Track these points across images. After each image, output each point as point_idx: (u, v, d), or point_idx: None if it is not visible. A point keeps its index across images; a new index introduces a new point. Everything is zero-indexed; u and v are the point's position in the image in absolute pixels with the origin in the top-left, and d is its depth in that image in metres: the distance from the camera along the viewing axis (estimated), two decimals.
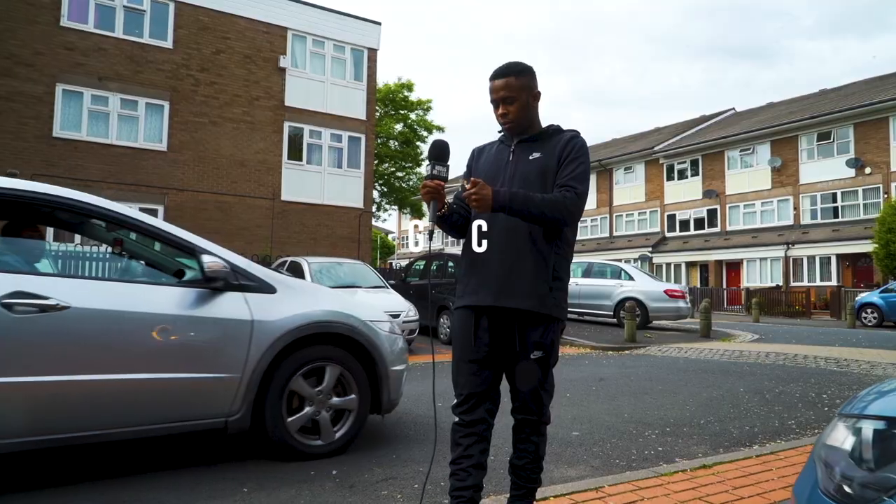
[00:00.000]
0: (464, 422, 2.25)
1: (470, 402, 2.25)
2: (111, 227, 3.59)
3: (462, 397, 2.26)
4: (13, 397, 2.82)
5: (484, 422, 2.27)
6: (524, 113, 2.33)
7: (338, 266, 11.07)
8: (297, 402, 3.60)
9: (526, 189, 2.22)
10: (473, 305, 2.28)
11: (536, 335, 2.25)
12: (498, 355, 2.29)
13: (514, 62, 2.33)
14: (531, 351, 2.24)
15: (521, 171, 2.29)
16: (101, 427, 3.06)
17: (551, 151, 2.30)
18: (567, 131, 2.37)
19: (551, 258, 2.27)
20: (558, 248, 2.30)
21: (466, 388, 2.25)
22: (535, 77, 2.35)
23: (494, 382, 2.30)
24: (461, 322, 2.32)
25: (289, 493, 3.04)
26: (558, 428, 4.51)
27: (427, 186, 2.20)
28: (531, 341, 2.24)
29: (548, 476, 3.36)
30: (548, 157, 2.29)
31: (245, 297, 3.43)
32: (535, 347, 2.25)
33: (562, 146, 2.30)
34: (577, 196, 2.22)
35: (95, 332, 3.02)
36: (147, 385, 3.13)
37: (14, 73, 15.18)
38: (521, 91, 2.30)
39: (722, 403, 5.64)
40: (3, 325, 2.78)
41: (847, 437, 1.31)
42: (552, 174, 2.27)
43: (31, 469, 3.35)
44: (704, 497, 3.02)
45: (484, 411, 2.26)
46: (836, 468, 1.28)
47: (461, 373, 2.28)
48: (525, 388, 2.28)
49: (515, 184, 2.27)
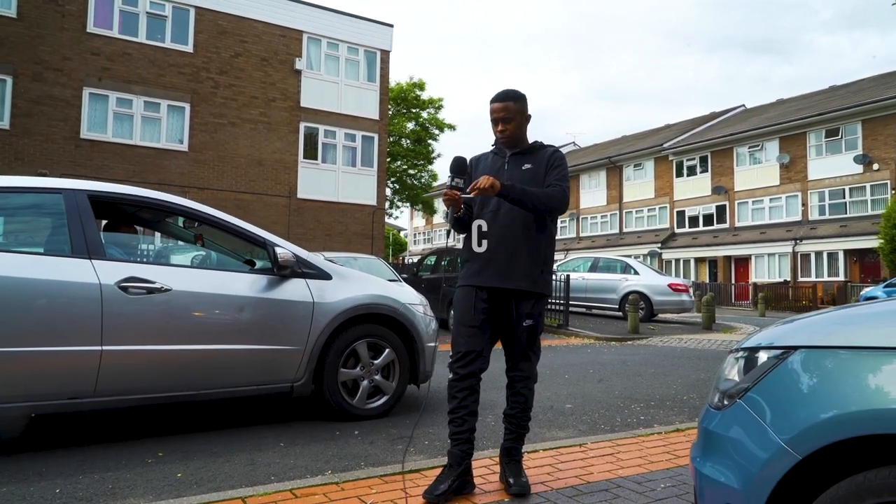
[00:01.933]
0: (459, 375, 2.78)
1: (467, 359, 2.78)
2: (193, 223, 4.25)
3: (460, 354, 2.80)
4: (128, 363, 3.49)
5: (475, 376, 2.80)
6: (518, 131, 2.90)
7: (353, 261, 11.61)
8: (352, 363, 4.23)
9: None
10: (476, 285, 2.84)
11: (528, 307, 2.84)
12: (492, 324, 2.85)
13: (512, 90, 2.90)
14: (524, 320, 2.84)
15: (515, 176, 2.85)
16: (194, 388, 3.74)
17: (539, 163, 2.89)
18: (549, 147, 2.97)
19: (542, 246, 2.87)
20: (547, 240, 2.91)
21: (464, 346, 2.80)
22: (527, 103, 2.94)
23: (487, 345, 2.85)
24: (463, 295, 2.87)
25: (319, 446, 3.61)
26: (554, 402, 5.05)
27: (448, 195, 2.76)
28: (524, 312, 2.83)
29: (540, 436, 3.91)
30: (537, 167, 2.88)
31: (307, 282, 4.07)
32: (527, 317, 2.84)
33: (547, 158, 2.91)
34: (563, 190, 2.84)
35: (191, 310, 3.69)
36: (231, 354, 3.80)
37: (44, 77, 15.91)
38: (517, 113, 2.88)
39: (708, 384, 6.14)
40: (121, 304, 3.43)
41: (731, 366, 1.84)
42: (541, 180, 2.85)
43: (110, 424, 3.94)
44: (672, 451, 3.55)
45: (477, 367, 2.80)
46: (720, 388, 1.81)
47: (461, 334, 2.82)
48: (517, 349, 2.87)
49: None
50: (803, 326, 1.74)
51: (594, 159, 39.73)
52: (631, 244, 34.95)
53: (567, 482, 2.96)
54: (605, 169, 38.68)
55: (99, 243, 3.57)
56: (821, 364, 1.50)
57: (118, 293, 3.45)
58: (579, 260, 16.63)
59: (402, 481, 2.90)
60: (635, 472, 3.16)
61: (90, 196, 3.67)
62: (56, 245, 3.55)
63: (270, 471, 3.15)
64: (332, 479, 2.93)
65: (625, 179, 37.62)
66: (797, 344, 1.59)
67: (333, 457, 3.42)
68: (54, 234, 3.62)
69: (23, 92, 15.67)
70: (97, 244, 3.55)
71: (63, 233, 3.52)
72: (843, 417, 1.37)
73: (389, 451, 3.54)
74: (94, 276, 3.42)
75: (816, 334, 1.62)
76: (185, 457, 3.36)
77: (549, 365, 7.20)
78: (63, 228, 3.53)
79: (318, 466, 3.24)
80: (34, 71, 15.83)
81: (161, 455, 3.38)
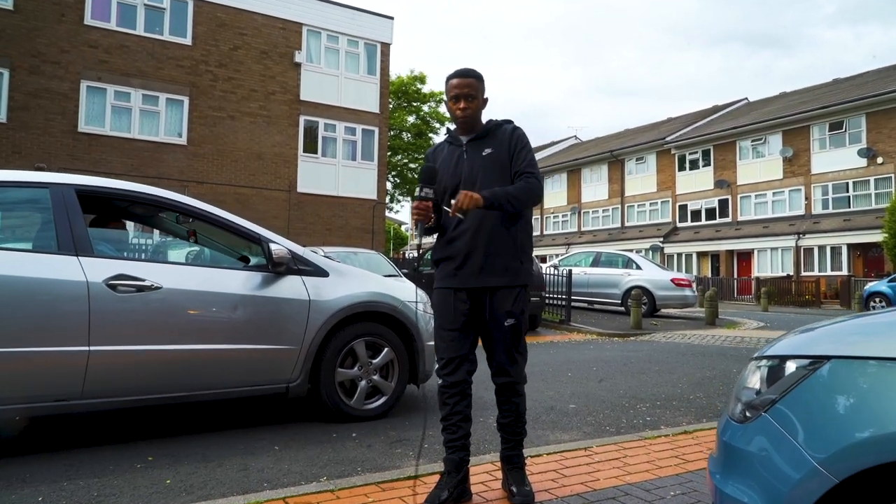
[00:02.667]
0: (447, 382, 2.64)
1: (452, 365, 2.64)
2: (187, 219, 4.11)
3: (444, 361, 2.66)
4: (117, 364, 3.36)
5: (465, 381, 2.66)
6: (478, 111, 2.71)
7: (353, 256, 11.51)
8: (350, 362, 4.10)
9: (485, 179, 2.62)
10: (454, 287, 2.65)
11: (509, 303, 2.62)
12: (473, 324, 2.68)
13: (472, 68, 2.74)
14: (505, 319, 2.63)
15: (477, 165, 2.67)
16: (185, 389, 3.60)
17: (500, 145, 2.67)
18: (506, 123, 2.75)
19: (518, 238, 2.67)
20: (522, 228, 2.70)
21: (448, 352, 2.65)
22: (485, 85, 2.74)
23: (472, 347, 2.70)
24: (442, 298, 2.70)
25: (314, 450, 3.48)
26: (557, 402, 4.93)
27: (419, 208, 2.57)
28: (504, 310, 2.63)
29: (543, 439, 3.79)
30: (498, 150, 2.67)
31: (303, 280, 3.94)
32: (508, 316, 2.63)
33: (508, 138, 2.68)
34: (538, 179, 2.65)
35: (182, 308, 3.56)
36: (223, 354, 3.67)
37: (41, 70, 15.76)
38: (479, 92, 2.70)
39: (713, 382, 6.02)
40: (109, 302, 3.30)
41: (753, 374, 1.71)
42: (506, 164, 2.66)
43: (96, 426, 3.82)
44: (680, 455, 3.43)
45: (465, 372, 2.65)
46: (742, 398, 1.68)
47: (443, 339, 2.67)
48: (503, 352, 2.67)
49: (475, 176, 2.64)
50: (830, 334, 1.61)
51: (596, 153, 39.53)
52: (633, 238, 34.80)
53: (573, 489, 2.84)
54: (607, 163, 38.48)
55: (87, 239, 3.44)
56: (855, 376, 1.37)
57: (106, 291, 3.32)
58: (581, 254, 16.49)
59: (414, 486, 2.77)
60: (643, 478, 3.03)
61: (78, 190, 3.55)
62: (42, 241, 3.42)
63: (264, 476, 3.03)
64: (328, 487, 2.81)
65: (627, 173, 37.44)
66: (827, 353, 1.45)
67: (329, 461, 3.29)
68: (40, 230, 3.48)
69: (20, 85, 15.52)
70: (85, 240, 3.42)
71: (49, 229, 3.39)
72: (881, 438, 1.23)
73: (387, 456, 3.42)
74: (82, 273, 3.30)
75: (847, 343, 1.49)
76: (176, 461, 3.24)
77: (551, 362, 7.08)
78: (49, 224, 3.40)
79: (314, 472, 3.11)
80: (31, 64, 15.68)
81: (150, 459, 3.25)
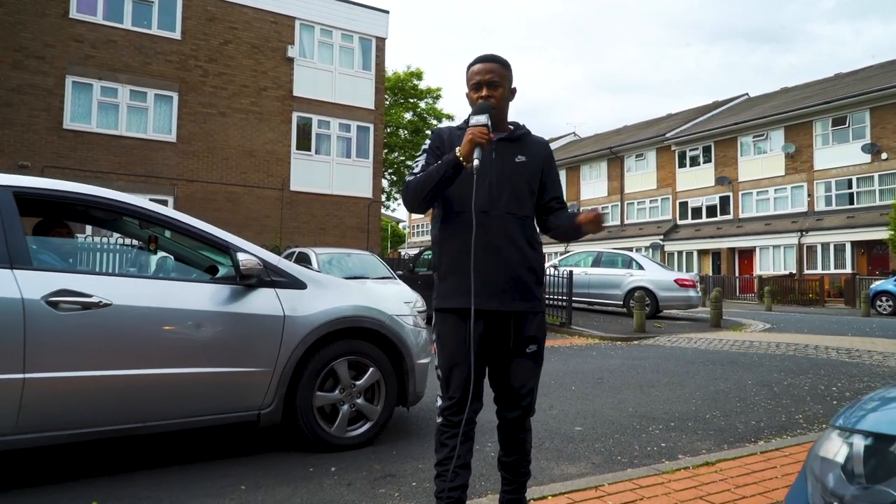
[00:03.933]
0: (451, 422, 2.22)
1: (462, 405, 2.22)
2: (147, 225, 3.64)
3: (454, 400, 2.22)
4: (58, 392, 2.91)
5: (471, 422, 2.25)
6: (503, 102, 2.31)
7: (346, 257, 11.06)
8: (330, 385, 3.67)
9: (514, 189, 2.28)
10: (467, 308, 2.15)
11: (532, 329, 2.30)
12: (487, 355, 2.29)
13: (498, 54, 2.32)
14: (527, 346, 2.29)
15: (508, 171, 2.29)
16: (139, 420, 3.15)
17: (533, 157, 2.36)
18: (537, 136, 2.43)
19: (538, 260, 2.34)
20: (541, 250, 2.38)
21: (459, 391, 2.22)
22: (512, 74, 2.35)
23: (482, 382, 2.31)
24: (454, 323, 2.24)
25: (286, 491, 3.04)
26: (561, 423, 4.49)
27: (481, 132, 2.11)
28: (527, 335, 2.29)
29: (547, 474, 3.35)
30: (532, 162, 2.35)
31: (277, 293, 3.49)
32: (530, 342, 2.30)
33: (542, 153, 2.40)
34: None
35: (136, 328, 3.11)
36: (184, 379, 3.22)
37: (24, 65, 15.26)
38: (505, 80, 2.31)
39: (729, 396, 5.58)
40: (49, 322, 2.86)
41: (840, 449, 1.27)
42: (536, 180, 2.37)
43: (32, 465, 3.37)
44: (706, 496, 2.99)
45: (472, 411, 2.23)
46: (828, 482, 1.24)
47: (454, 377, 2.23)
48: (525, 385, 2.31)
49: (504, 183, 2.27)
50: None
51: (595, 150, 39.04)
52: (633, 236, 34.35)
53: None
54: (607, 160, 38.01)
55: (24, 249, 2.99)
56: None
57: (45, 309, 2.87)
58: (581, 254, 16.03)
59: None
60: None
61: (16, 193, 3.09)
62: None
63: None
64: None
65: (626, 170, 36.97)
66: None
67: None
68: None
69: (2, 80, 15.01)
70: (22, 251, 2.97)
71: None
72: None
73: (369, 497, 2.97)
74: (16, 289, 2.85)
75: None
76: None
77: (553, 373, 6.64)
78: None
79: None
80: (14, 59, 15.17)
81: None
